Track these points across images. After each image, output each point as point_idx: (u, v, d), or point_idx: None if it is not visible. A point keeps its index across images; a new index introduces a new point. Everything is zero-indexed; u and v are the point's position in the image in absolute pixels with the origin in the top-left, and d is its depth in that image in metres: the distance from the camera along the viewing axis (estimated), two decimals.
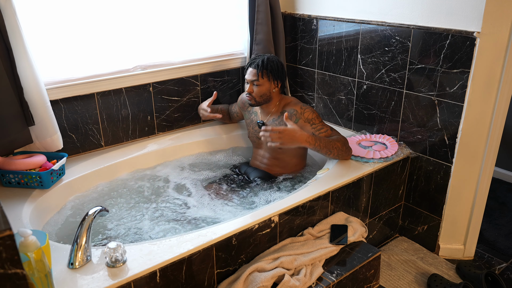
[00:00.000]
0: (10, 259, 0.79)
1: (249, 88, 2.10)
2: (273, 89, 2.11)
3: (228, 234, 1.55)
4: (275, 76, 2.09)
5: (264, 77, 2.06)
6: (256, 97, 2.10)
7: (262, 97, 2.10)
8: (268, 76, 2.07)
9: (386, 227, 2.33)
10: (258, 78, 2.06)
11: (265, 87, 2.08)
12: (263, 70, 2.06)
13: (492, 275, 1.98)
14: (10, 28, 1.72)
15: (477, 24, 1.85)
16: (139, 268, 1.36)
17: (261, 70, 2.06)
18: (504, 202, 2.78)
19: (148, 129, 2.39)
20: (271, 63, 2.08)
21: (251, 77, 2.09)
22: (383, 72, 2.26)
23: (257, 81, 2.07)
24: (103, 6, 2.09)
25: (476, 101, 1.96)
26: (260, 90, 2.08)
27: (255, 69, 2.07)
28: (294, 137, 1.88)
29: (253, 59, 2.14)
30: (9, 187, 1.84)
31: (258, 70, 2.06)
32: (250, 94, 2.10)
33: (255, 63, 2.09)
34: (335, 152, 1.99)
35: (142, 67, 2.27)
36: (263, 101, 2.12)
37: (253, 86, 2.09)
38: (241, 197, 2.06)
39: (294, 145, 1.90)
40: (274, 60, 2.10)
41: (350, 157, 2.09)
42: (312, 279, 1.60)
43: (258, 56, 2.13)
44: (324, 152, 1.97)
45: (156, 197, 2.08)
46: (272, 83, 2.09)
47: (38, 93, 1.85)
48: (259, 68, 2.06)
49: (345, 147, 2.03)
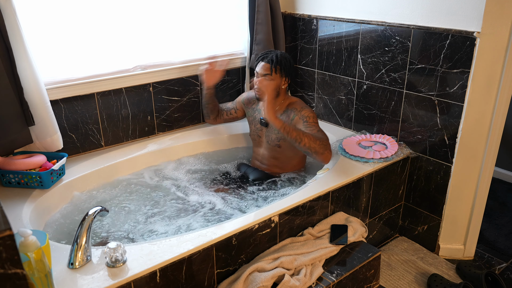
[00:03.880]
0: (10, 259, 0.79)
1: (259, 82, 2.08)
2: (282, 85, 2.11)
3: (228, 234, 1.55)
4: (287, 73, 2.09)
5: (277, 72, 2.06)
6: (264, 91, 2.06)
7: (272, 92, 2.07)
8: (281, 72, 2.07)
9: (386, 227, 2.33)
10: (271, 73, 2.05)
11: (276, 82, 2.07)
12: (277, 66, 2.05)
13: (492, 275, 1.98)
14: (10, 28, 1.72)
15: (477, 24, 1.85)
16: (139, 268, 1.36)
17: (275, 65, 2.05)
18: (504, 202, 2.78)
19: (148, 129, 2.39)
20: (284, 59, 2.08)
21: (264, 71, 2.07)
22: (383, 72, 2.26)
23: (269, 76, 2.06)
24: (103, 6, 2.09)
25: (476, 101, 1.96)
26: (271, 84, 2.06)
27: (269, 64, 2.06)
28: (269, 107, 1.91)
29: (265, 53, 2.12)
30: (9, 187, 1.83)
31: (272, 65, 2.05)
32: (260, 89, 2.08)
33: (268, 57, 2.08)
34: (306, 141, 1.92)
35: (142, 67, 2.27)
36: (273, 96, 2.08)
37: (264, 80, 2.07)
38: (241, 197, 2.06)
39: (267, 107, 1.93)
40: (287, 57, 2.10)
41: (327, 159, 2.00)
42: (312, 279, 1.60)
43: (270, 51, 2.12)
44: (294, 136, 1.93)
45: (156, 197, 2.08)
46: (283, 80, 2.09)
47: (38, 93, 1.85)
48: (273, 63, 2.05)
49: (320, 142, 1.94)
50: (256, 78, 2.12)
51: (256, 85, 2.10)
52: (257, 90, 2.11)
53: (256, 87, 2.11)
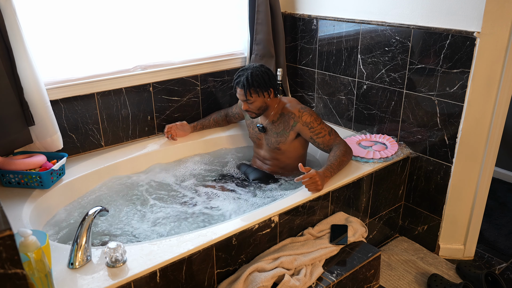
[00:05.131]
0: (10, 259, 0.79)
1: (244, 106, 2.07)
2: (267, 99, 2.07)
3: (228, 234, 1.55)
4: (263, 89, 2.02)
5: (253, 95, 2.02)
6: (254, 111, 2.08)
7: (260, 109, 2.08)
8: (257, 92, 2.01)
9: (386, 227, 2.33)
10: (247, 98, 2.02)
11: (258, 101, 2.05)
12: (250, 89, 2.00)
13: (492, 275, 1.98)
14: (10, 28, 1.72)
15: (477, 24, 1.85)
16: (139, 268, 1.36)
17: (248, 89, 2.00)
18: (504, 202, 2.78)
19: (148, 129, 2.39)
20: (255, 77, 2.00)
21: (242, 97, 2.05)
22: (383, 72, 2.26)
23: (249, 100, 2.03)
24: (103, 6, 2.09)
25: (476, 101, 1.96)
26: (255, 105, 2.05)
27: (242, 89, 2.02)
28: (321, 178, 1.84)
29: (237, 77, 2.06)
30: (9, 187, 1.83)
31: (245, 90, 2.01)
32: (248, 111, 2.09)
33: (240, 82, 2.02)
34: (344, 165, 1.99)
35: (142, 67, 2.27)
36: (262, 111, 2.10)
37: (248, 104, 2.06)
38: (241, 197, 2.06)
39: (324, 182, 1.88)
40: (258, 73, 2.00)
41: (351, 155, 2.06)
42: (312, 279, 1.60)
43: (242, 72, 2.04)
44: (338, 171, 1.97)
45: (156, 197, 2.07)
46: (263, 96, 2.04)
47: (38, 93, 1.85)
48: (245, 87, 2.00)
49: (348, 155, 2.01)
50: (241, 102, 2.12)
51: (242, 109, 2.10)
52: (249, 113, 2.10)
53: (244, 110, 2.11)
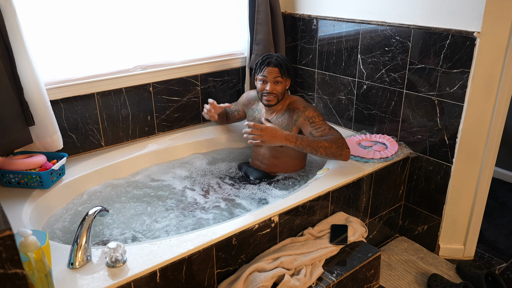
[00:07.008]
0: (10, 259, 0.79)
1: (270, 87, 2.04)
2: (287, 86, 2.12)
3: (228, 234, 1.55)
4: (290, 74, 2.10)
5: (284, 76, 2.06)
6: (279, 94, 2.06)
7: (281, 95, 2.09)
8: (287, 74, 2.07)
9: (386, 227, 2.34)
10: (281, 76, 2.05)
11: (284, 85, 2.08)
12: (283, 68, 2.05)
13: (492, 275, 1.98)
14: (10, 28, 1.72)
15: (477, 24, 1.85)
16: (139, 268, 1.36)
17: (281, 68, 2.04)
18: (504, 202, 2.78)
19: (148, 129, 2.39)
20: (286, 60, 2.08)
21: (274, 75, 2.04)
22: (383, 72, 2.26)
23: (279, 81, 2.05)
24: (103, 6, 2.09)
25: (476, 101, 1.96)
26: (281, 87, 2.07)
27: (277, 67, 2.03)
28: (274, 135, 1.89)
29: (267, 57, 2.08)
30: (9, 187, 1.83)
31: (280, 68, 2.04)
32: (272, 93, 2.06)
33: (272, 61, 2.04)
34: (322, 151, 1.92)
35: (142, 67, 2.27)
36: (280, 99, 2.10)
37: (275, 85, 2.05)
38: (241, 197, 2.06)
39: (274, 143, 1.91)
40: (287, 58, 2.11)
41: (346, 157, 1.98)
42: (312, 279, 1.60)
43: (271, 55, 2.09)
44: (309, 150, 1.93)
45: (156, 197, 2.07)
46: (288, 81, 2.11)
47: (38, 93, 1.85)
48: (280, 66, 2.04)
49: (336, 146, 1.93)
50: (263, 83, 2.07)
51: (267, 91, 2.05)
52: (269, 97, 2.06)
53: (267, 93, 2.06)
